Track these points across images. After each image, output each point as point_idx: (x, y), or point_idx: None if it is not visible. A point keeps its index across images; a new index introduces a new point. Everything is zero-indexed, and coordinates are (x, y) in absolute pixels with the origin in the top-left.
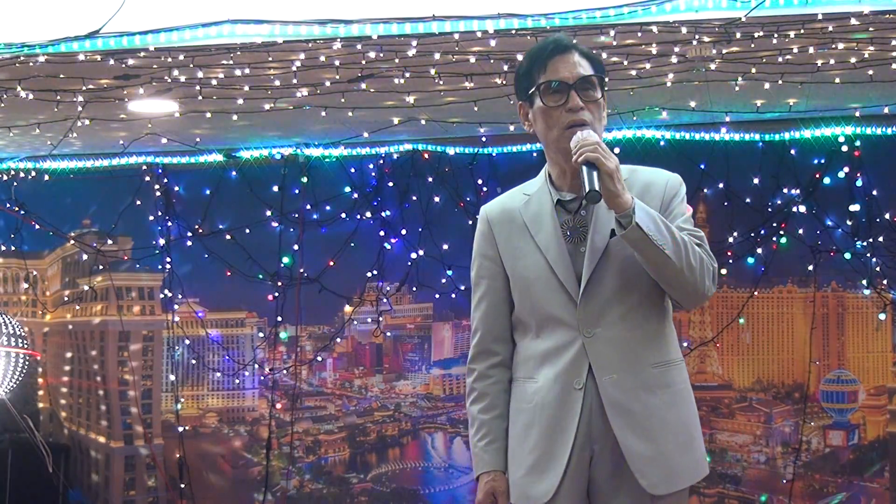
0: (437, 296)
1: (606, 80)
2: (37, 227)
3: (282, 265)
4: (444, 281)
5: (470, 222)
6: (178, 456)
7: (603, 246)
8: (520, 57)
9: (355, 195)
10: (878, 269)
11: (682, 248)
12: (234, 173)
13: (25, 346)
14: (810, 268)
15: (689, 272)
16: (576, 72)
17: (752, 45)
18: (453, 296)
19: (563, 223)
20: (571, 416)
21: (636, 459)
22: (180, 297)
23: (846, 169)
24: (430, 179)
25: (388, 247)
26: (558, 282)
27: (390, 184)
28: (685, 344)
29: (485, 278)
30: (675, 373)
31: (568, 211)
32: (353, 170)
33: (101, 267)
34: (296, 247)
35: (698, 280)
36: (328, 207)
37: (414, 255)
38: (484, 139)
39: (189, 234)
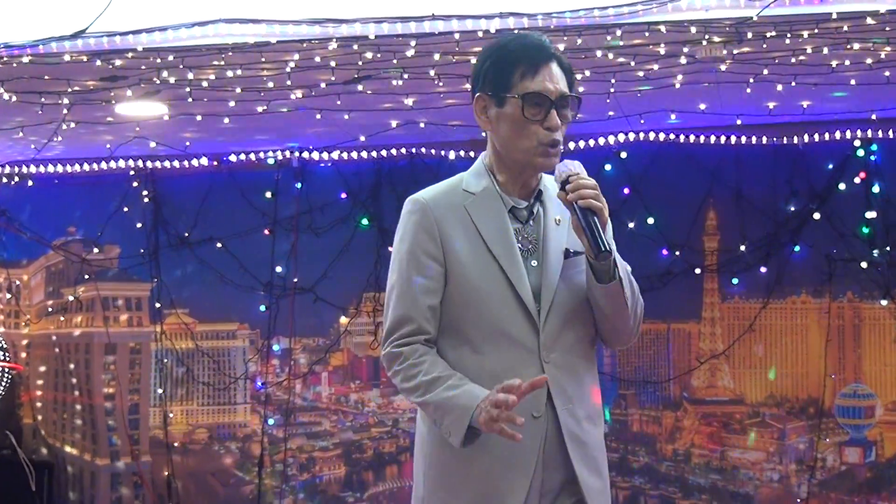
0: None
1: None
2: (19, 234)
3: (275, 274)
4: None
5: None
6: (166, 474)
7: (560, 265)
8: None
9: (351, 201)
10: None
11: (636, 296)
12: (225, 179)
13: (7, 359)
14: (825, 277)
15: (634, 320)
16: (559, 88)
17: (764, 46)
18: None
19: (514, 232)
20: (532, 446)
21: (593, 494)
22: (169, 307)
23: (862, 174)
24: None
25: (386, 255)
26: (517, 300)
27: (388, 190)
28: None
29: (424, 277)
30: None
31: (518, 219)
32: (349, 175)
33: (86, 276)
34: (289, 255)
35: (635, 327)
36: (323, 214)
37: None
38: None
39: (178, 241)
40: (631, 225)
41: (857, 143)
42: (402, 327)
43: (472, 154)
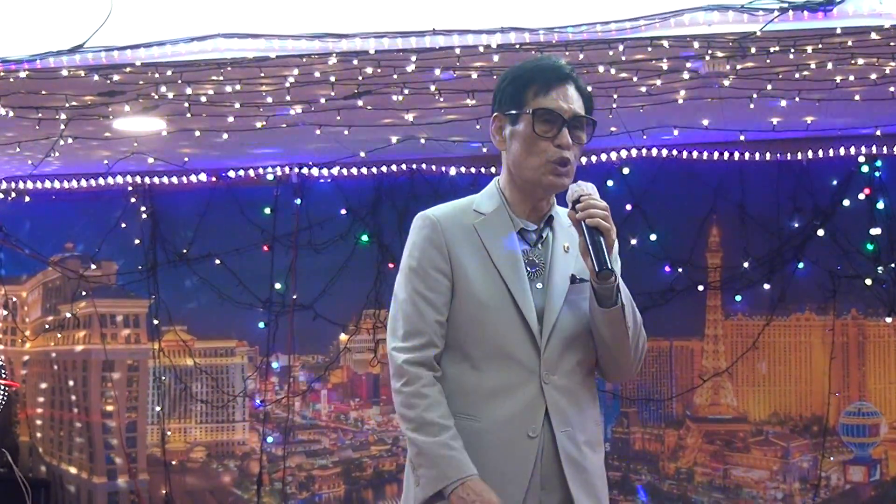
0: None
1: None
2: (16, 250)
3: (274, 291)
4: None
5: None
6: (164, 492)
7: (565, 289)
8: None
9: (351, 217)
10: None
11: (638, 328)
12: (223, 194)
13: (4, 376)
14: (829, 294)
15: (635, 352)
16: (573, 108)
17: (768, 61)
18: None
19: (521, 254)
20: (525, 465)
21: None
22: (167, 324)
23: (867, 190)
24: (431, 201)
25: (386, 272)
26: (521, 318)
27: (388, 206)
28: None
29: (433, 291)
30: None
31: (526, 242)
32: (349, 191)
33: (84, 293)
34: (289, 272)
35: (637, 360)
36: (323, 230)
37: None
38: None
39: (177, 258)
40: (633, 241)
41: (861, 158)
42: (413, 338)
43: (472, 170)
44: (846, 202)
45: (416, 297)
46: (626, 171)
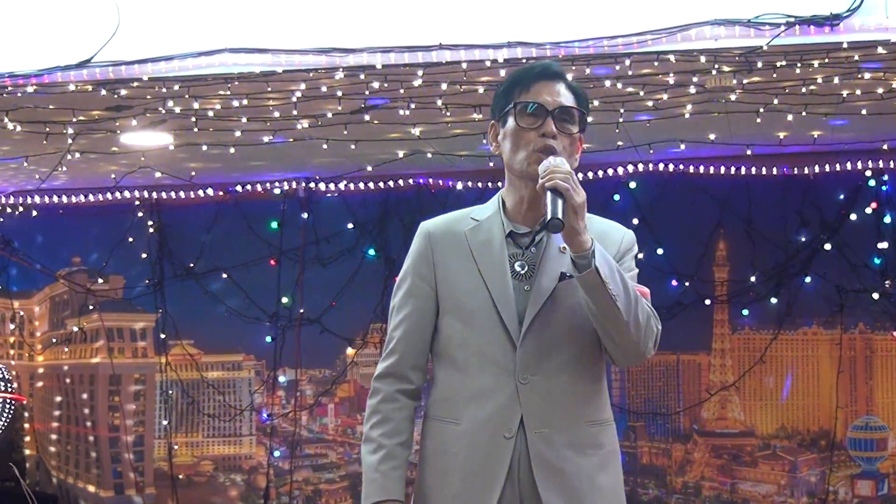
0: None
1: (588, 119)
2: (24, 265)
3: (281, 305)
4: None
5: None
6: None
7: (550, 288)
8: None
9: (358, 232)
10: None
11: (633, 302)
12: (230, 209)
13: (11, 390)
14: (836, 308)
15: (635, 329)
16: (557, 100)
17: (775, 75)
18: None
19: (511, 256)
20: (500, 467)
21: None
22: (174, 338)
23: (874, 205)
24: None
25: (393, 286)
26: (499, 319)
27: (395, 220)
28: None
29: (414, 298)
30: (608, 433)
31: (518, 245)
32: (355, 205)
33: (91, 307)
34: (296, 286)
35: (641, 338)
36: (329, 244)
37: None
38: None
39: (184, 272)
40: (640, 255)
41: (868, 173)
42: (388, 346)
43: (479, 184)
44: (853, 216)
45: (400, 306)
46: (632, 185)
